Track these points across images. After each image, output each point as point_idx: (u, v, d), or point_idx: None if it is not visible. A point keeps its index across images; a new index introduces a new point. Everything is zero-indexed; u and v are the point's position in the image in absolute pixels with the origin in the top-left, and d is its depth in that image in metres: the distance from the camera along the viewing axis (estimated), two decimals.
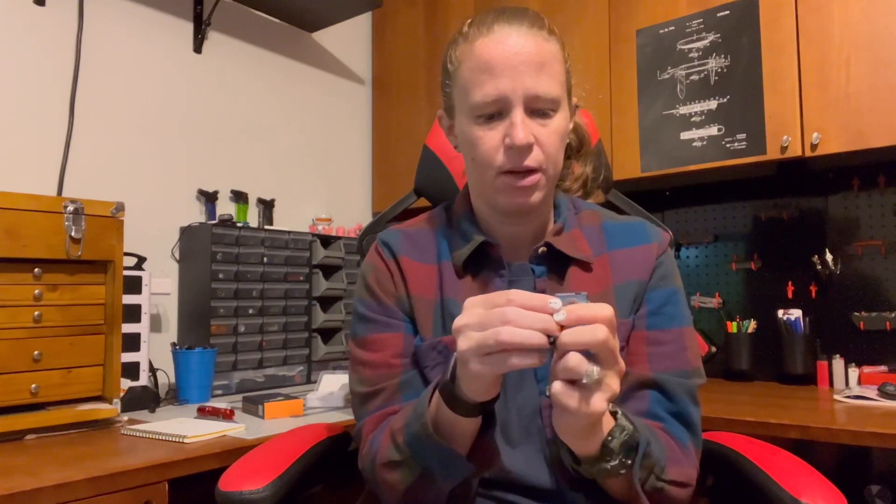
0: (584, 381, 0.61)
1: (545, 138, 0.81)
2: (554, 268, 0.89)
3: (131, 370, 1.62)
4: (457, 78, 0.85)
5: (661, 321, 0.88)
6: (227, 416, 1.45)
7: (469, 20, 0.86)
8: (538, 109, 0.80)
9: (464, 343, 0.64)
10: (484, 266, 0.90)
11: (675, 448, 0.82)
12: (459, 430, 0.74)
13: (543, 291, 0.87)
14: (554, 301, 0.62)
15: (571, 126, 0.90)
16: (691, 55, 1.90)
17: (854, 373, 1.80)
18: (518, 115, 0.79)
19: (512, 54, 0.79)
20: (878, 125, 1.60)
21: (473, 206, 0.94)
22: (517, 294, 0.62)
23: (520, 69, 0.79)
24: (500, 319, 0.61)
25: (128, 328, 1.58)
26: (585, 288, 0.88)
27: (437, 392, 0.74)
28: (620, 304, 0.88)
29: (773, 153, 1.74)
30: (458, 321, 0.65)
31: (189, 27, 2.13)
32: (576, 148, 1.02)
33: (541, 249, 0.89)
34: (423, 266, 0.92)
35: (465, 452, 0.75)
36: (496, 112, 0.81)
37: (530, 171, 0.81)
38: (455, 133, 0.90)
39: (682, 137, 1.90)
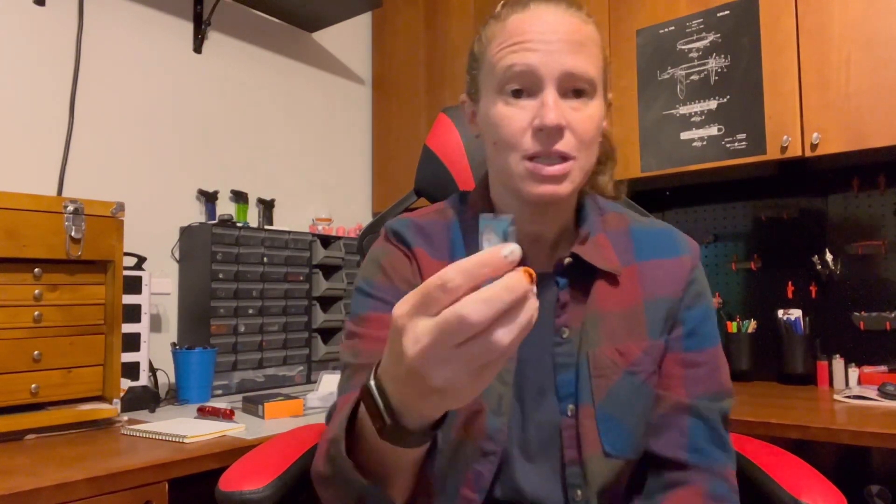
0: None
1: (579, 124, 0.73)
2: (578, 279, 0.82)
3: (131, 370, 1.62)
4: (484, 58, 0.78)
5: (697, 342, 0.82)
6: (227, 416, 1.45)
7: (502, 2, 0.80)
8: (573, 89, 0.73)
9: (412, 346, 0.46)
10: None
11: None
12: (401, 459, 0.61)
13: (566, 305, 0.81)
14: (506, 249, 0.44)
15: (605, 124, 0.81)
16: (691, 55, 1.90)
17: (854, 373, 1.80)
18: (550, 94, 0.71)
19: (549, 31, 0.72)
20: (878, 125, 1.60)
21: (493, 200, 0.85)
22: (457, 272, 0.44)
23: (556, 45, 0.72)
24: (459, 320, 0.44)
25: (128, 328, 1.58)
26: (612, 304, 0.81)
27: (362, 408, 0.58)
28: (651, 322, 0.81)
29: (773, 153, 1.74)
30: (395, 310, 0.48)
31: (189, 27, 2.13)
32: (600, 158, 0.89)
33: (566, 260, 0.81)
34: (435, 262, 0.85)
35: (409, 481, 0.65)
36: (525, 89, 0.73)
37: (561, 157, 0.72)
38: (477, 120, 0.82)
39: (682, 137, 1.90)
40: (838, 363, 1.84)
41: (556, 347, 0.80)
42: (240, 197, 2.20)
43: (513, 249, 0.44)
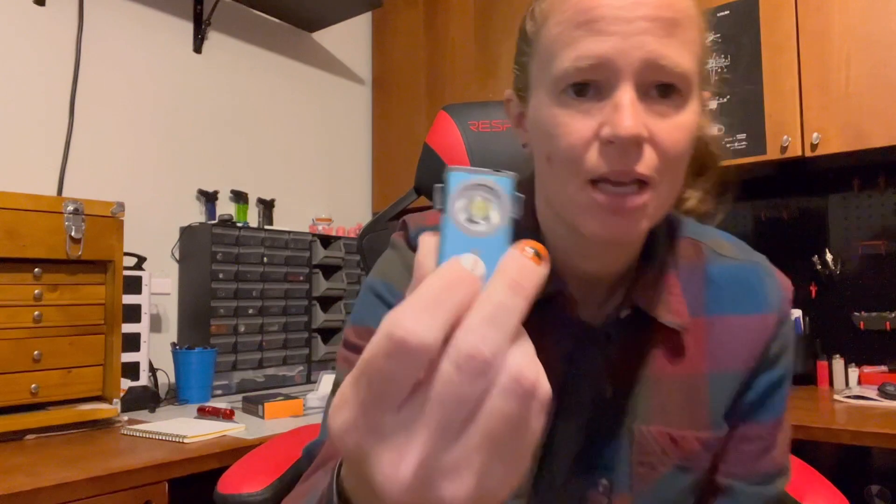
0: None
1: (665, 135, 0.53)
2: (633, 331, 0.63)
3: (131, 370, 1.62)
4: (538, 41, 0.57)
5: (759, 413, 0.66)
6: (227, 416, 1.45)
7: None
8: (660, 85, 0.53)
9: (391, 473, 0.28)
10: (544, 316, 0.61)
11: None
12: None
13: (614, 363, 0.64)
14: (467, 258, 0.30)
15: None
16: None
17: (854, 373, 1.80)
18: (626, 93, 0.52)
19: (629, 4, 0.52)
20: (878, 125, 1.60)
21: (541, 225, 0.65)
22: (418, 316, 0.27)
23: (638, 25, 0.52)
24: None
25: (128, 328, 1.58)
26: (671, 368, 0.64)
27: None
28: (715, 402, 0.64)
29: (773, 153, 1.74)
30: (333, 425, 0.29)
31: (189, 27, 2.13)
32: (694, 169, 0.67)
33: (624, 313, 0.62)
34: None
35: None
36: (592, 85, 0.53)
37: (638, 182, 0.53)
38: (526, 125, 0.62)
39: None
40: (838, 363, 1.84)
41: (595, 410, 0.64)
42: (240, 197, 2.20)
43: (473, 261, 0.30)
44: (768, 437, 0.66)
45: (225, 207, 2.16)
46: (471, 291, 0.29)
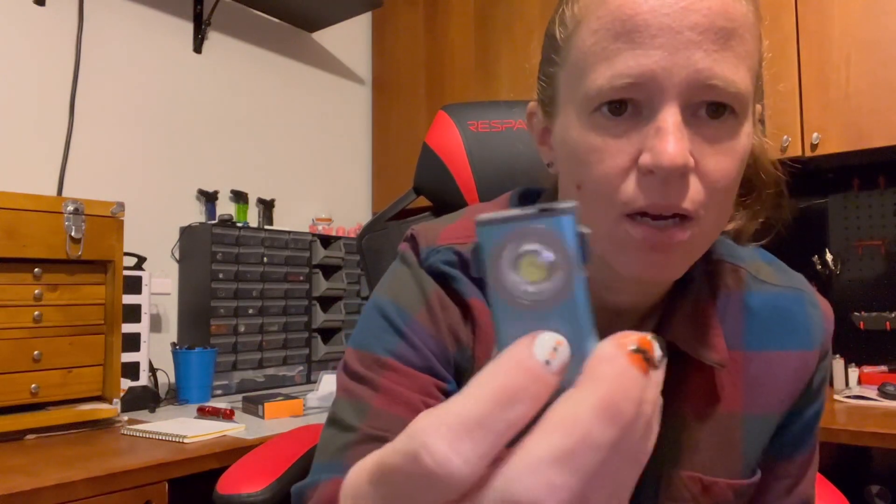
0: None
1: (714, 164, 0.47)
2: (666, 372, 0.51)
3: (131, 370, 1.62)
4: (569, 50, 0.51)
5: (792, 450, 0.63)
6: (227, 416, 1.45)
7: None
8: (709, 105, 0.47)
9: None
10: None
11: None
12: None
13: None
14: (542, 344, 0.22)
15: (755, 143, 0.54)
16: None
17: (854, 373, 1.80)
18: (670, 115, 0.45)
19: (677, 10, 0.45)
20: (878, 125, 1.60)
21: None
22: (442, 437, 0.20)
23: (686, 37, 0.45)
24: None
25: (128, 328, 1.58)
26: (703, 407, 0.58)
27: None
28: (749, 446, 0.59)
29: (772, 153, 1.74)
30: None
31: (189, 27, 2.13)
32: (740, 189, 0.59)
33: None
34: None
35: None
36: (630, 103, 0.47)
37: (679, 216, 0.47)
38: (552, 143, 0.56)
39: None
40: (838, 363, 1.84)
41: None
42: (240, 197, 2.20)
43: (555, 345, 0.22)
44: (799, 472, 0.63)
45: (225, 207, 2.16)
46: (542, 394, 0.21)
